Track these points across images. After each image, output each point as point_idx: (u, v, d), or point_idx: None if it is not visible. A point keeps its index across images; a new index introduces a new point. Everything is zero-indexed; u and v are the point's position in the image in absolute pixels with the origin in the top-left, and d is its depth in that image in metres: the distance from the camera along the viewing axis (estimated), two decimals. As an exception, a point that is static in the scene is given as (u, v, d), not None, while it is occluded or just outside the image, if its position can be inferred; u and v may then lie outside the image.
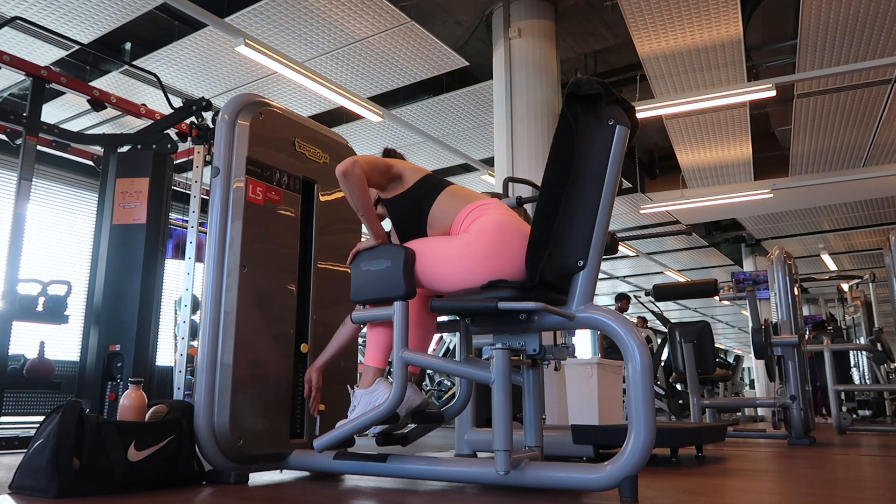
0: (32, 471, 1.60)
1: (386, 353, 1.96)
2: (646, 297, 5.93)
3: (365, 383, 1.94)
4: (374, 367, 1.95)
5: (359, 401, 1.92)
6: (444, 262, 1.81)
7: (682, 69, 5.84)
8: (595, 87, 1.68)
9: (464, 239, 1.83)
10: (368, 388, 1.92)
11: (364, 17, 5.21)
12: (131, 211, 3.14)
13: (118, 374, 3.00)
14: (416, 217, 1.96)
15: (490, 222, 1.83)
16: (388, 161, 1.96)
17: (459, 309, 1.74)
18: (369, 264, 1.89)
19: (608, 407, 3.29)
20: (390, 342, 1.94)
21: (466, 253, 1.79)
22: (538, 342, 1.82)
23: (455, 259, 1.80)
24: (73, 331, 6.09)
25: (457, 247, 1.82)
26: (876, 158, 7.86)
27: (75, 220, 7.63)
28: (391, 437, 2.00)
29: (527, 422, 1.91)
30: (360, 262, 1.92)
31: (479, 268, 1.77)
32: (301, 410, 2.20)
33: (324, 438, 1.90)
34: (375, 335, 1.96)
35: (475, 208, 1.88)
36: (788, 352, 4.12)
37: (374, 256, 1.89)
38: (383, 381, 1.93)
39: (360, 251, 1.92)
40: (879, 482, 2.02)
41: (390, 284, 1.83)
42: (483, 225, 1.83)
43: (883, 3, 4.92)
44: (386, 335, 1.95)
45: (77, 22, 5.21)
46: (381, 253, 1.88)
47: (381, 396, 1.89)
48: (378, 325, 1.95)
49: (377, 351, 1.96)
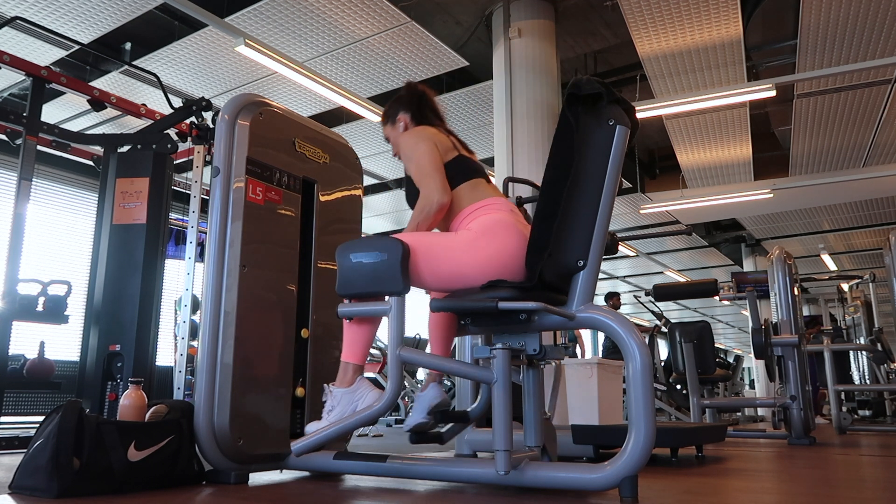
0: (32, 471, 1.60)
1: (367, 349, 1.88)
2: (646, 297, 5.93)
3: (345, 381, 1.85)
4: (356, 364, 1.86)
5: (338, 401, 1.84)
6: (447, 259, 1.78)
7: (682, 69, 5.84)
8: (595, 87, 1.68)
9: (463, 236, 1.82)
10: (350, 387, 1.84)
11: (364, 17, 5.20)
12: (131, 211, 3.14)
13: (118, 374, 3.00)
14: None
15: (491, 220, 1.82)
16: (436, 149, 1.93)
17: (459, 309, 1.73)
18: (361, 256, 1.76)
19: (608, 407, 3.29)
20: (372, 338, 1.87)
21: (467, 249, 1.78)
22: (538, 342, 1.81)
23: (458, 255, 1.77)
24: (73, 331, 6.08)
25: (458, 243, 1.80)
26: (876, 158, 7.86)
27: (75, 220, 7.63)
28: (425, 436, 1.93)
29: (527, 422, 1.91)
30: (349, 253, 1.79)
31: (479, 265, 1.76)
32: (301, 410, 2.20)
33: (304, 442, 1.81)
34: (358, 331, 1.86)
35: (480, 207, 1.88)
36: (788, 352, 4.12)
37: (366, 247, 1.77)
38: (364, 380, 1.86)
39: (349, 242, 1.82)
40: (879, 482, 2.02)
41: (386, 279, 1.74)
42: (484, 223, 1.82)
43: (883, 3, 4.92)
44: (369, 331, 1.86)
45: (77, 22, 5.21)
46: (376, 244, 1.76)
47: (364, 397, 1.83)
48: (362, 321, 1.86)
49: (358, 347, 1.86)
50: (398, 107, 2.14)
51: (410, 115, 2.11)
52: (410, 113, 2.11)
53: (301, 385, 2.21)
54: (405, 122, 2.12)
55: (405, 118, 2.12)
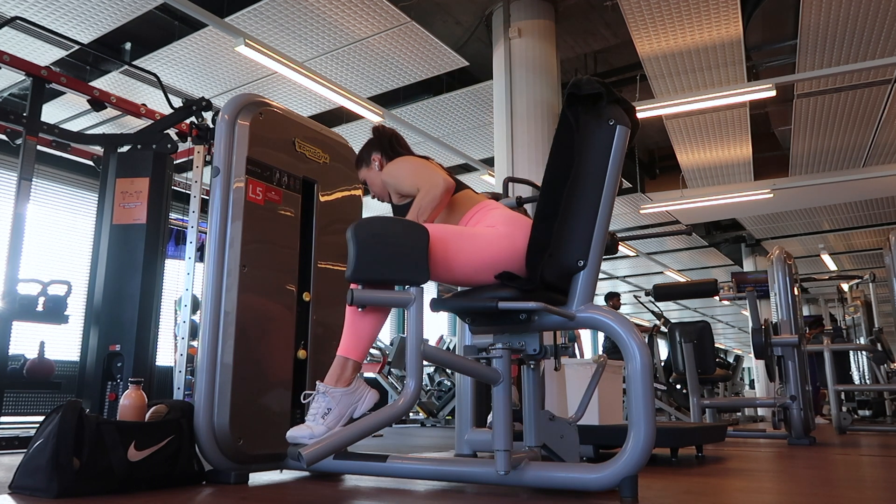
0: (32, 471, 1.60)
1: (369, 345, 1.73)
2: (646, 297, 5.93)
3: (343, 380, 1.70)
4: (355, 361, 1.71)
5: (337, 402, 1.69)
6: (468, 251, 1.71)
7: (682, 69, 5.84)
8: (596, 87, 1.68)
9: (485, 230, 1.78)
10: (348, 386, 1.70)
11: (364, 17, 5.20)
12: (131, 211, 3.14)
13: (118, 374, 3.00)
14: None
15: (504, 213, 1.83)
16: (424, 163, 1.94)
17: (460, 309, 1.73)
18: (381, 238, 1.58)
19: (608, 407, 3.29)
20: (377, 333, 1.75)
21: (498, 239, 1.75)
22: (538, 342, 1.82)
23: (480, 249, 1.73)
24: (73, 331, 6.08)
25: (480, 237, 1.75)
26: (876, 158, 7.86)
27: (75, 220, 7.63)
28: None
29: (527, 422, 1.91)
30: (366, 231, 1.58)
31: (501, 253, 1.73)
32: (301, 411, 2.20)
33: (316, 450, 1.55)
34: (365, 323, 1.71)
35: (479, 210, 1.88)
36: (788, 352, 4.12)
37: (389, 229, 1.59)
38: (361, 379, 1.75)
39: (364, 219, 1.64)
40: (879, 482, 2.02)
41: (409, 267, 1.58)
42: (498, 215, 1.82)
43: (883, 3, 4.92)
44: (376, 325, 1.73)
45: (77, 22, 5.21)
46: (400, 228, 1.60)
47: (364, 398, 1.72)
48: (372, 312, 1.72)
49: (362, 341, 1.71)
50: (370, 149, 2.10)
51: (383, 153, 2.08)
52: (382, 151, 2.08)
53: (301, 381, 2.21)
54: (379, 161, 2.08)
55: (378, 157, 2.08)
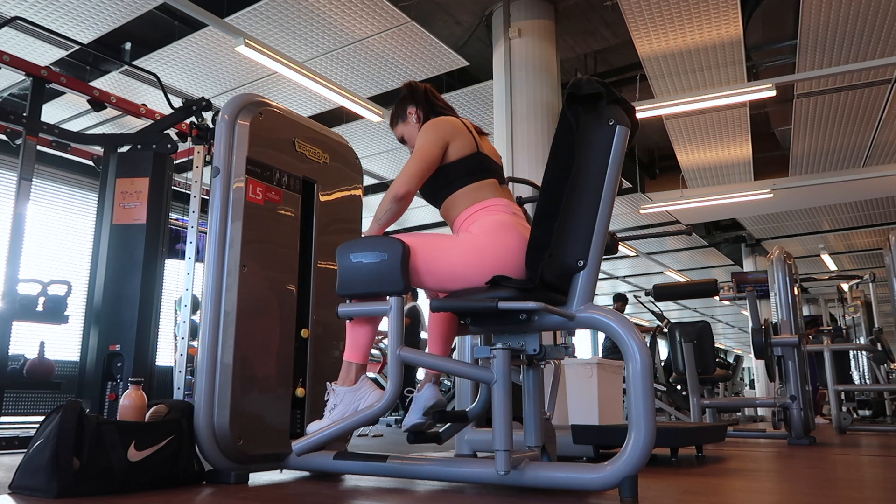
0: (32, 471, 1.60)
1: (369, 348, 1.91)
2: (646, 297, 5.93)
3: (347, 380, 1.88)
4: (359, 364, 1.89)
5: (341, 399, 1.86)
6: (446, 259, 1.79)
7: (682, 69, 5.84)
8: (595, 87, 1.68)
9: (464, 237, 1.83)
10: (352, 385, 1.87)
11: (364, 17, 5.21)
12: (131, 211, 3.14)
13: (118, 374, 3.00)
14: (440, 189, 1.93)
15: (492, 221, 1.83)
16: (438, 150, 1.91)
17: (459, 309, 1.73)
18: (361, 256, 1.78)
19: (608, 407, 3.29)
20: (373, 337, 1.91)
21: (467, 250, 1.79)
22: (538, 342, 1.82)
23: (458, 256, 1.79)
24: (73, 331, 6.08)
25: (458, 244, 1.81)
26: (876, 158, 7.86)
27: (75, 220, 7.63)
28: (423, 436, 1.94)
29: (527, 422, 1.91)
30: (348, 253, 1.80)
31: (481, 265, 1.77)
32: (301, 410, 2.20)
33: (305, 442, 1.83)
34: (359, 330, 1.90)
35: (481, 208, 1.88)
36: (788, 352, 4.12)
37: (367, 247, 1.78)
38: (367, 379, 1.89)
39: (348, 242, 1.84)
40: (879, 482, 2.02)
41: (386, 279, 1.75)
42: (484, 224, 1.83)
43: (883, 3, 4.92)
44: (370, 331, 1.91)
45: (77, 22, 5.21)
46: (376, 244, 1.78)
47: (366, 396, 1.85)
48: (363, 321, 1.90)
49: (361, 346, 1.90)
50: (405, 104, 2.12)
51: (418, 106, 2.09)
52: (417, 104, 2.09)
53: (301, 385, 2.21)
54: (416, 113, 2.09)
55: (414, 110, 2.10)
